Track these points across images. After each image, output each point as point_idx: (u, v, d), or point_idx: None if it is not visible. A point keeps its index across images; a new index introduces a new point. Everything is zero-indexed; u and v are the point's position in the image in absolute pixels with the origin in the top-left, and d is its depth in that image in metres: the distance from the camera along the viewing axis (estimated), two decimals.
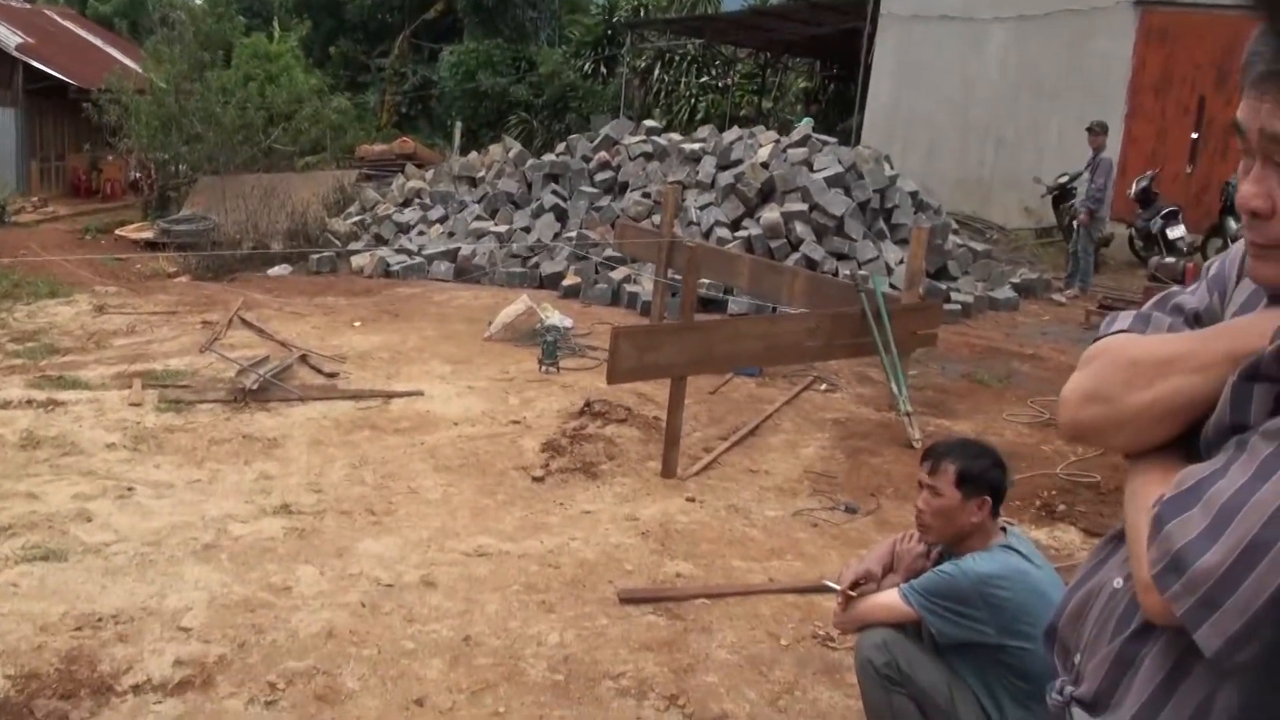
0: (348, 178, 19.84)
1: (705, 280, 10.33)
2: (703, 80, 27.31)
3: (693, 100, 26.66)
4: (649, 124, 16.38)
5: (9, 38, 25.69)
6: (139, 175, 24.30)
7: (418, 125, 30.59)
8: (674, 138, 15.07)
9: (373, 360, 9.00)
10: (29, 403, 7.37)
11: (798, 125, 14.88)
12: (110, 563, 4.98)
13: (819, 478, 6.74)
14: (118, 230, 20.16)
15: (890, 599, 3.28)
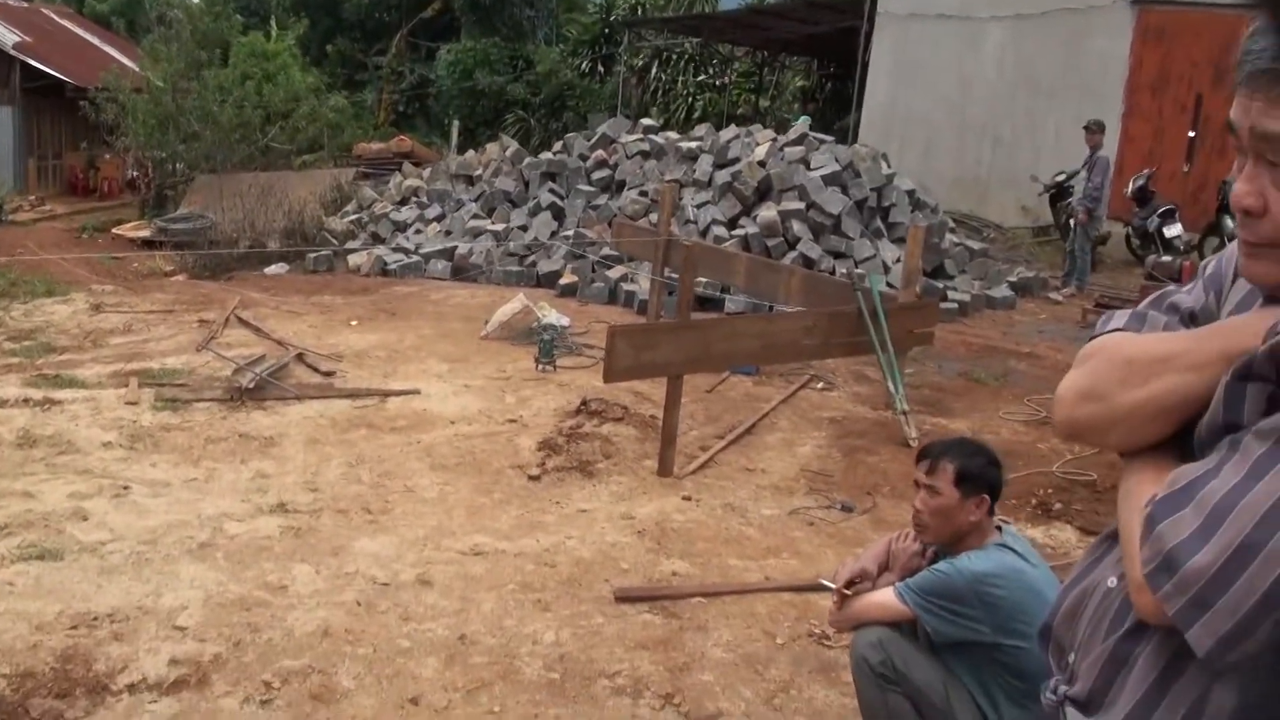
0: (345, 176, 19.83)
1: (702, 279, 10.33)
2: (700, 79, 27.30)
3: (690, 99, 26.65)
4: (646, 122, 16.37)
5: (6, 36, 25.67)
6: (136, 174, 24.27)
7: (415, 124, 30.58)
8: (671, 136, 15.06)
9: (369, 359, 9.00)
10: (25, 401, 7.37)
11: (795, 124, 14.85)
12: (106, 562, 4.98)
13: (815, 476, 6.74)
14: (115, 229, 20.16)
15: (886, 598, 3.28)
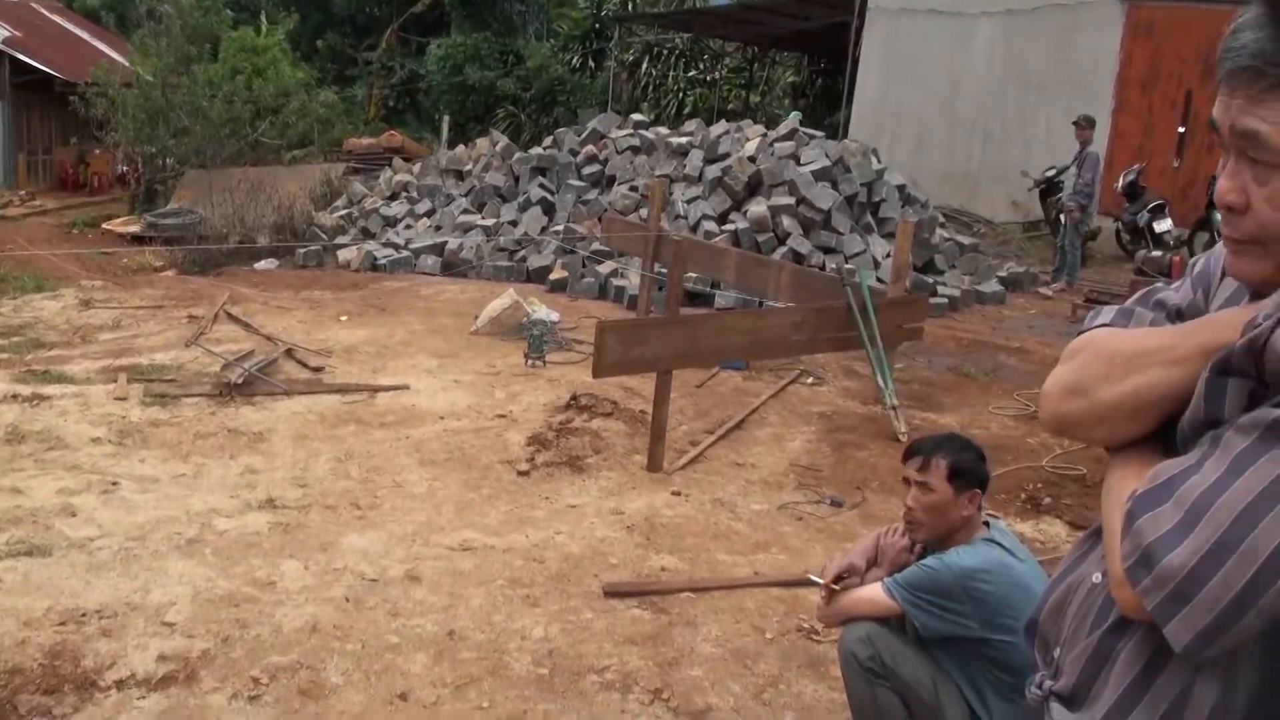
0: (335, 171, 19.79)
1: (692, 274, 10.34)
2: (690, 74, 27.27)
3: (680, 94, 26.62)
4: (636, 118, 16.35)
5: None
6: (126, 169, 24.19)
7: (405, 119, 30.52)
8: (661, 131, 15.05)
9: (359, 354, 8.99)
10: (14, 397, 7.34)
11: (785, 119, 14.86)
12: (94, 558, 4.97)
13: (804, 471, 6.75)
14: (104, 224, 20.10)
15: (874, 593, 3.29)
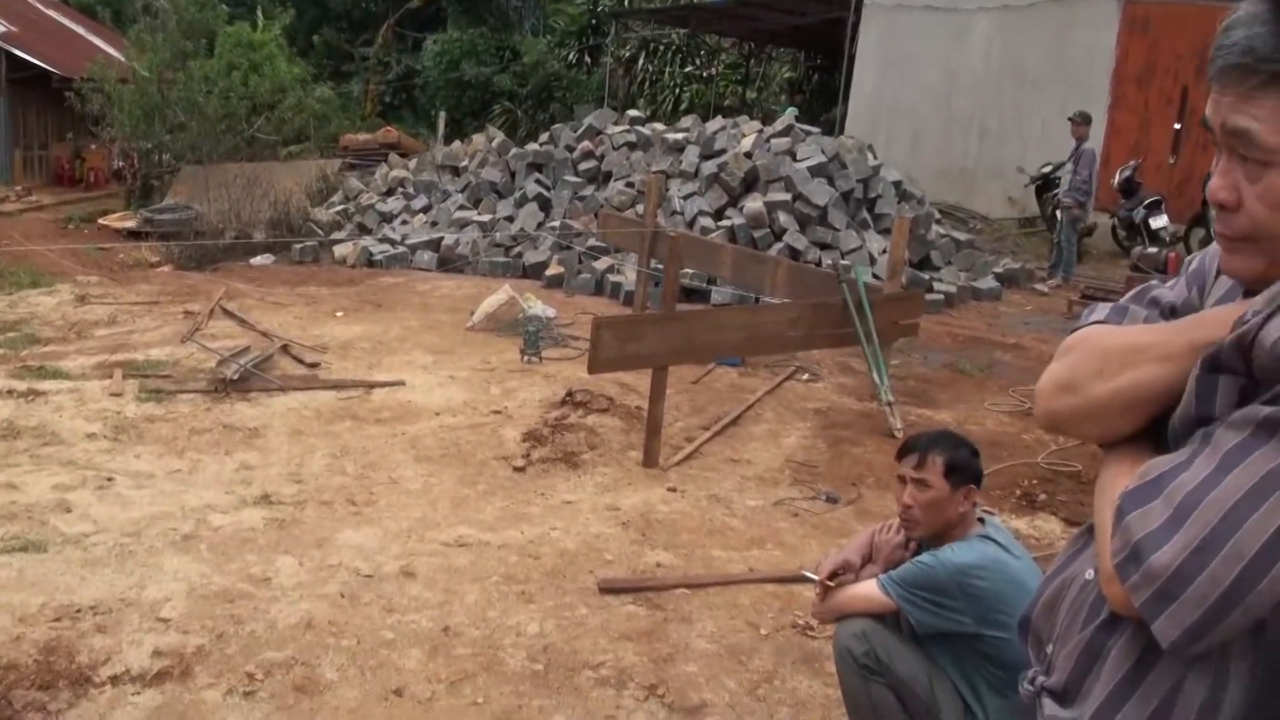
0: (331, 167, 19.78)
1: (688, 270, 10.33)
2: (687, 70, 27.28)
3: (677, 90, 26.63)
4: (633, 114, 16.33)
5: None
6: (122, 164, 24.17)
7: (401, 115, 30.51)
8: (658, 127, 15.05)
9: (354, 350, 8.99)
10: (9, 393, 7.34)
11: (781, 115, 14.85)
12: (89, 553, 4.96)
13: (800, 467, 6.76)
14: (100, 220, 20.05)
15: (869, 589, 3.29)
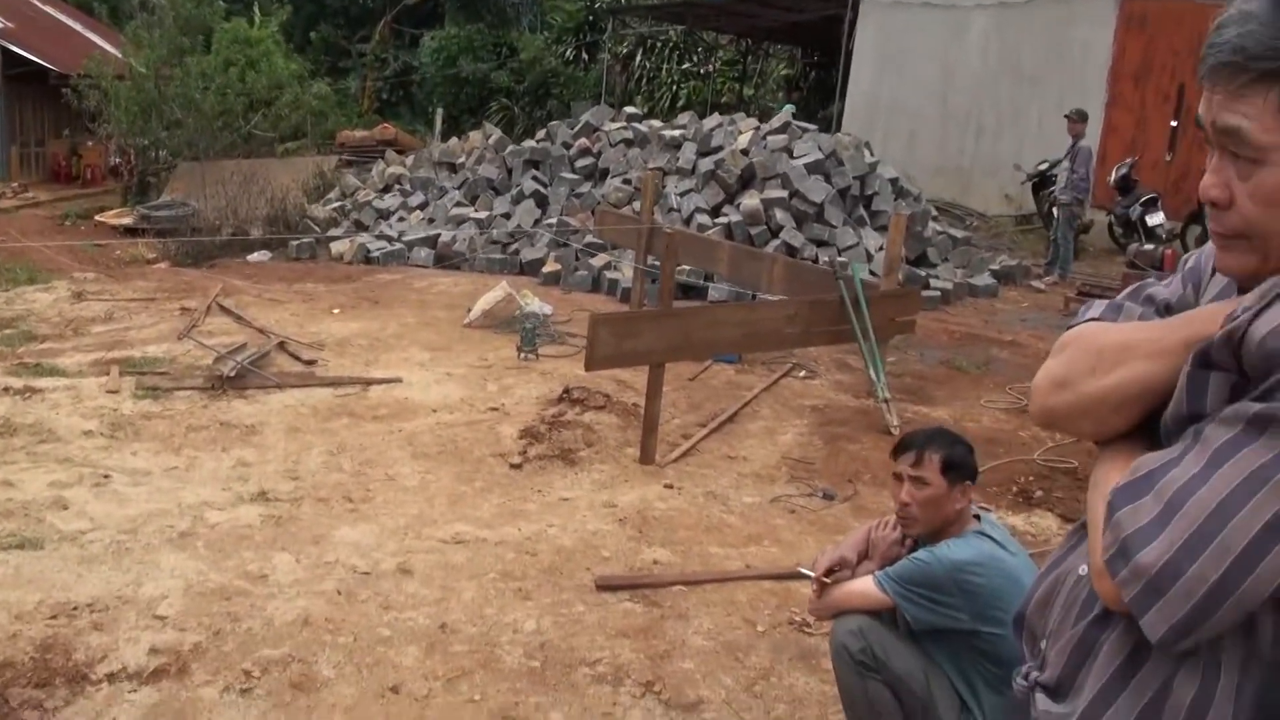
0: (328, 164, 19.77)
1: (685, 267, 10.34)
2: (684, 67, 27.27)
3: (674, 87, 26.62)
4: (630, 110, 16.35)
5: None
6: (119, 161, 24.08)
7: (399, 111, 30.48)
8: (655, 124, 15.05)
9: (351, 347, 8.98)
10: (6, 390, 7.33)
11: (778, 112, 14.86)
12: (86, 551, 4.96)
13: (797, 464, 6.76)
14: (97, 216, 20.00)
15: (865, 586, 3.29)
